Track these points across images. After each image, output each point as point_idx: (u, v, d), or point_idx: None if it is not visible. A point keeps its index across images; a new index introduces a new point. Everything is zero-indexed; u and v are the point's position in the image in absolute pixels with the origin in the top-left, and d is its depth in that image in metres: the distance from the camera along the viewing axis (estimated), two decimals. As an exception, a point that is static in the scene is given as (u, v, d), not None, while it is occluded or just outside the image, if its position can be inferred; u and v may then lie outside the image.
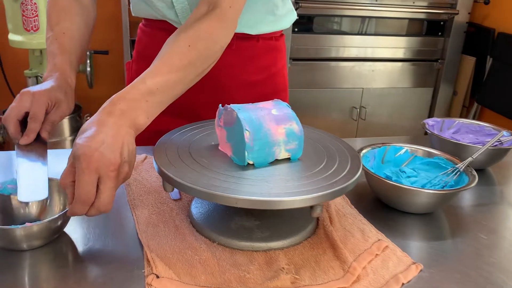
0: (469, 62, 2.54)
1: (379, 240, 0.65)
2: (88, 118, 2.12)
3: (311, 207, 0.59)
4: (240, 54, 0.92)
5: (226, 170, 0.62)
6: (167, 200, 0.74)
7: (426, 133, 0.99)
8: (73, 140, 2.09)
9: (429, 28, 2.50)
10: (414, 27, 2.51)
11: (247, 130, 0.61)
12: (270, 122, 0.63)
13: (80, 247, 0.62)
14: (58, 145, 2.07)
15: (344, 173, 0.62)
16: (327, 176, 0.62)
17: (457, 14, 2.42)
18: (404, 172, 0.78)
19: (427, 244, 0.67)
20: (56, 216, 0.59)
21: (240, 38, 0.90)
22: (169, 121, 0.90)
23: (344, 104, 2.50)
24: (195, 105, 0.95)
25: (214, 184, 0.57)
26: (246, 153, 0.61)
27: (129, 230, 0.66)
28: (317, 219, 0.69)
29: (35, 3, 1.90)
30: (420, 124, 1.01)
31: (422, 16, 2.46)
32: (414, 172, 0.79)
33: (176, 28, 0.86)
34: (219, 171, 0.61)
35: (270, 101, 0.68)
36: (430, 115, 2.67)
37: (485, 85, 2.43)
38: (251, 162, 0.63)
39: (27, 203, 0.66)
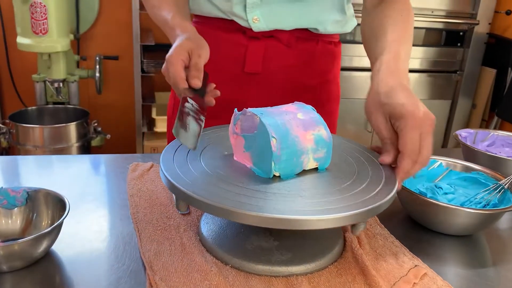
0: (489, 74, 2.45)
1: (416, 266, 0.57)
2: (96, 124, 2.07)
3: (353, 225, 0.51)
4: (298, 55, 0.88)
5: (248, 184, 0.53)
6: (174, 214, 0.66)
7: (443, 146, 0.91)
8: (80, 147, 2.03)
9: (448, 39, 2.42)
10: (432, 37, 2.43)
11: (273, 137, 0.53)
12: (297, 127, 0.55)
13: (70, 269, 0.54)
14: (64, 151, 2.00)
15: (380, 187, 0.54)
16: (362, 189, 0.54)
17: (478, 24, 2.34)
18: (441, 188, 0.70)
19: (470, 272, 0.59)
20: (42, 232, 0.51)
21: (301, 39, 0.86)
22: (212, 122, 0.83)
23: (358, 115, 2.42)
24: (242, 105, 0.90)
25: (240, 200, 0.49)
26: (273, 164, 0.54)
27: (130, 248, 0.58)
28: (344, 240, 0.61)
29: (44, 6, 1.86)
30: (437, 137, 0.93)
31: (440, 26, 2.38)
32: (451, 189, 0.71)
33: (232, 24, 0.83)
34: (242, 185, 0.53)
35: (292, 104, 0.60)
36: (447, 128, 2.58)
37: (505, 98, 2.34)
38: (277, 174, 0.55)
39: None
